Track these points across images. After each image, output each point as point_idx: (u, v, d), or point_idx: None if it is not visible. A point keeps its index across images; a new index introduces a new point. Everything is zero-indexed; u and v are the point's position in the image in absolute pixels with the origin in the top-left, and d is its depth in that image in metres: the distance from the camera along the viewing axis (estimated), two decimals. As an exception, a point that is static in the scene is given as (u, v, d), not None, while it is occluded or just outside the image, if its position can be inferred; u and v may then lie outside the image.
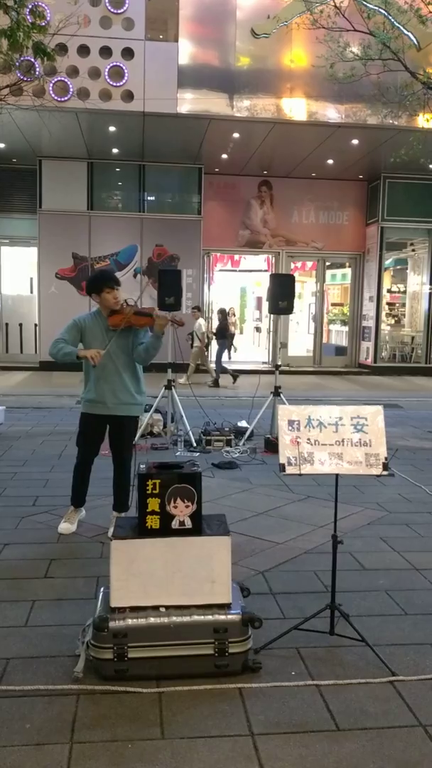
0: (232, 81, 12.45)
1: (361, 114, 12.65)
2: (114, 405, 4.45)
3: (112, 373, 4.41)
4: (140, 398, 4.57)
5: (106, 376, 4.42)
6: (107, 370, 4.40)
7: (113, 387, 4.43)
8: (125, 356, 4.44)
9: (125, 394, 4.45)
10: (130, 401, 4.49)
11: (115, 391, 4.43)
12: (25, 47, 8.83)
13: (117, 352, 4.41)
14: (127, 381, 4.45)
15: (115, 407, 4.46)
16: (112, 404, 4.45)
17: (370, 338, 16.70)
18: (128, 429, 4.60)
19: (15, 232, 16.13)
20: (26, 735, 2.43)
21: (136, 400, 4.52)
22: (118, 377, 4.42)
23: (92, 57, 11.88)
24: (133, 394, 4.48)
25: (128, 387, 4.46)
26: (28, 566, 4.00)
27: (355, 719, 2.55)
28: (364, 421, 3.06)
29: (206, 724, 2.50)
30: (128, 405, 4.49)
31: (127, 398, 4.47)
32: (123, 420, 4.52)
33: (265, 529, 4.74)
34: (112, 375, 4.41)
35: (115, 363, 4.41)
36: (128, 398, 4.47)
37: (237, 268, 19.36)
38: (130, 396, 4.47)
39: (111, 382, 4.42)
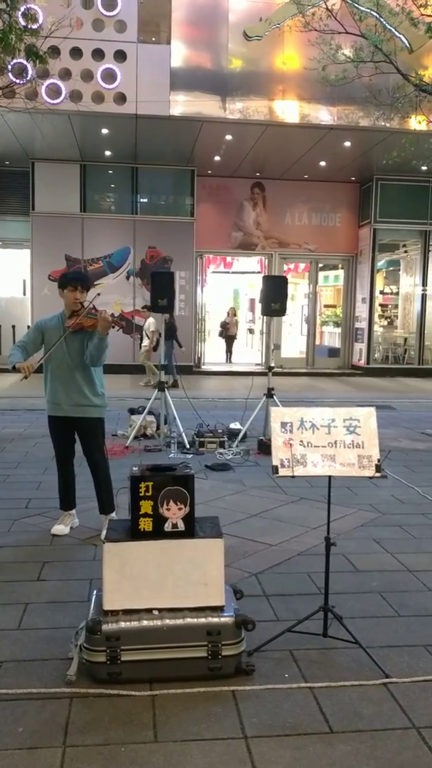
0: (225, 83, 12.47)
1: (354, 116, 12.70)
2: (68, 406, 4.45)
3: (66, 374, 4.41)
4: (97, 400, 4.50)
5: (60, 377, 4.42)
6: (61, 371, 4.41)
7: (66, 388, 4.42)
8: (80, 357, 4.42)
9: (78, 395, 4.42)
10: (85, 402, 4.45)
11: (68, 392, 4.42)
12: (17, 50, 8.82)
13: (72, 353, 4.40)
14: (80, 382, 4.42)
15: (70, 408, 4.45)
16: (66, 405, 4.45)
17: (362, 340, 16.74)
18: (90, 431, 4.54)
19: (8, 234, 16.10)
20: (19, 739, 2.42)
21: (92, 401, 4.47)
22: (71, 378, 4.41)
23: (85, 59, 11.88)
24: (87, 395, 4.44)
25: (81, 388, 4.42)
26: (20, 569, 3.99)
27: (348, 721, 2.55)
28: (357, 422, 3.07)
29: (199, 727, 2.49)
30: (82, 406, 4.45)
31: (80, 399, 4.43)
32: (82, 422, 4.49)
33: (259, 531, 4.73)
34: (65, 376, 4.41)
35: (68, 364, 4.40)
36: (82, 399, 4.44)
37: (230, 270, 19.40)
38: (83, 397, 4.43)
39: (64, 383, 4.42)
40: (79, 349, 4.41)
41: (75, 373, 4.41)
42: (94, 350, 4.33)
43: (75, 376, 4.41)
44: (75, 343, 4.40)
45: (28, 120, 11.43)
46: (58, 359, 4.41)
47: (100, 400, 4.53)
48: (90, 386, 4.46)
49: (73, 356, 4.41)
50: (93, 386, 4.48)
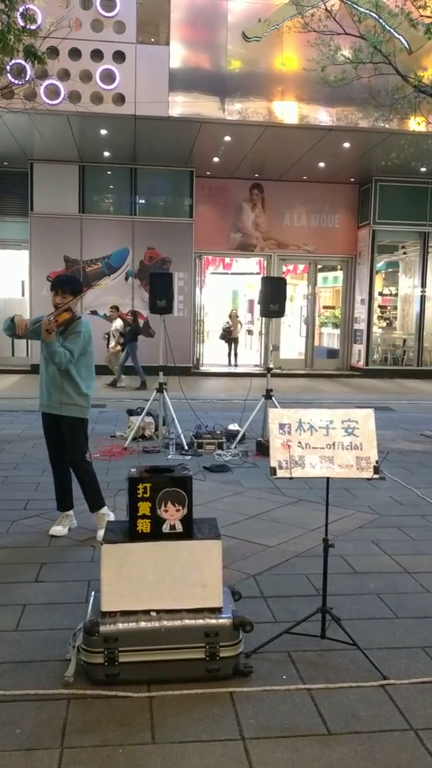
0: (224, 84, 12.47)
1: (353, 117, 12.71)
2: (48, 403, 4.50)
3: (48, 373, 4.47)
4: (79, 399, 4.49)
5: (45, 375, 4.51)
6: (45, 371, 4.50)
7: (50, 386, 4.48)
8: None
9: (60, 394, 4.45)
10: (67, 401, 4.46)
11: (51, 390, 4.48)
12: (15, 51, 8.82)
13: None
14: (61, 381, 4.44)
15: (50, 405, 4.50)
16: (47, 402, 4.51)
17: (361, 341, 16.74)
18: (68, 429, 4.52)
19: (6, 235, 16.09)
20: (16, 740, 2.41)
21: (74, 400, 4.47)
22: (54, 377, 4.45)
23: (84, 60, 11.88)
24: (69, 394, 4.45)
25: (63, 387, 4.44)
26: (18, 570, 3.98)
27: (346, 723, 2.55)
28: (355, 424, 3.07)
29: (197, 729, 2.49)
30: (64, 405, 4.46)
31: (60, 397, 4.45)
32: (63, 420, 4.50)
33: (257, 533, 4.73)
34: (49, 374, 4.47)
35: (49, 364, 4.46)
36: (62, 397, 4.45)
37: (229, 271, 19.41)
38: (65, 396, 4.45)
39: (48, 381, 4.49)
40: None
41: (57, 372, 4.44)
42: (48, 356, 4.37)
43: (56, 375, 4.44)
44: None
45: (26, 121, 11.43)
46: (42, 358, 4.50)
47: (82, 401, 4.51)
48: (72, 385, 4.45)
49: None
50: (76, 386, 4.46)
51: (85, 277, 15.50)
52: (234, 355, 17.62)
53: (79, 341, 4.41)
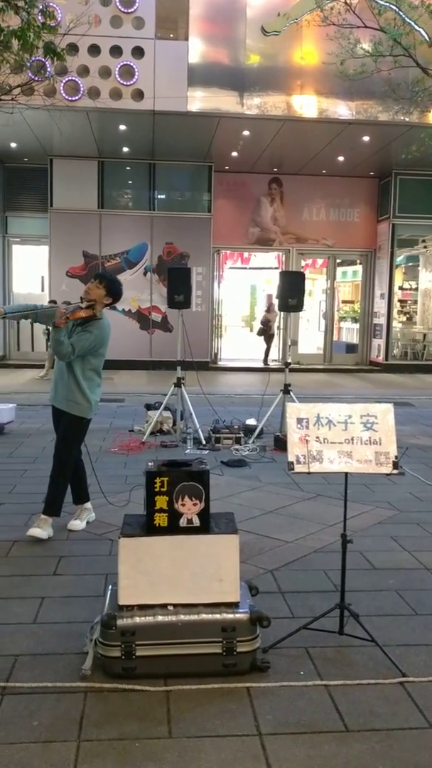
0: (242, 79, 12.41)
1: (372, 111, 12.58)
2: (58, 396, 4.49)
3: (63, 367, 4.45)
4: (82, 399, 4.42)
5: (57, 368, 4.53)
6: (60, 363, 4.47)
7: (57, 379, 4.50)
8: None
9: (66, 390, 4.43)
10: (71, 398, 4.42)
11: (58, 384, 4.49)
12: (35, 47, 8.85)
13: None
14: (69, 378, 4.41)
15: (55, 398, 4.52)
16: (57, 395, 4.51)
17: (381, 336, 16.62)
18: (65, 425, 4.47)
19: (26, 231, 16.20)
20: (34, 732, 2.43)
21: (77, 399, 4.41)
22: (65, 372, 4.43)
23: (103, 56, 11.89)
24: (74, 392, 4.41)
25: (70, 384, 4.41)
26: (37, 563, 4.01)
27: (364, 720, 2.53)
28: (374, 419, 3.04)
29: (214, 724, 2.49)
30: (66, 401, 4.44)
31: (66, 393, 4.43)
32: (64, 415, 4.47)
33: (274, 528, 4.72)
34: (60, 367, 4.47)
35: None
36: (68, 394, 4.42)
37: (247, 266, 19.33)
38: (69, 392, 4.42)
39: (59, 376, 4.49)
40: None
41: (66, 367, 4.42)
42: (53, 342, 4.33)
43: (65, 370, 4.42)
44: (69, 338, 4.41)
45: (46, 117, 11.48)
46: None
47: (85, 401, 4.44)
48: (75, 384, 4.41)
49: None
50: (78, 385, 4.41)
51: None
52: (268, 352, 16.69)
53: (87, 340, 4.30)
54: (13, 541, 4.36)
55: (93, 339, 4.34)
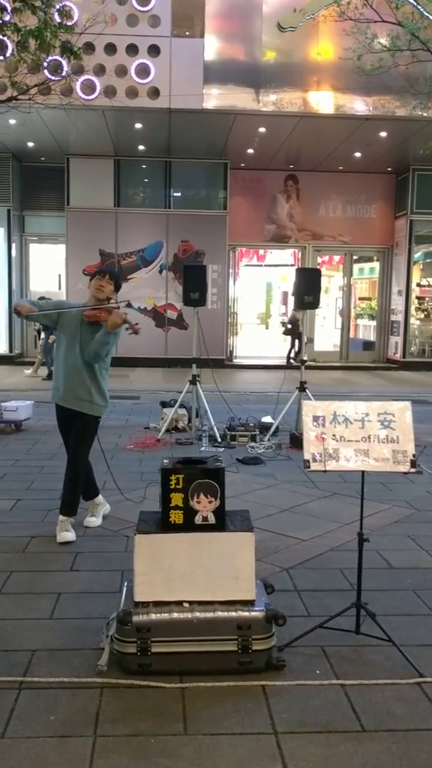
0: (258, 75, 12.37)
1: (390, 106, 12.47)
2: (67, 396, 4.34)
3: (75, 364, 4.30)
4: (98, 399, 4.36)
5: (68, 366, 4.32)
6: (70, 360, 4.31)
7: (73, 380, 4.31)
8: None
9: (81, 389, 4.31)
10: (85, 398, 4.32)
11: (72, 383, 4.32)
12: (52, 47, 8.90)
13: (83, 344, 4.29)
14: (86, 376, 4.30)
15: (68, 399, 4.35)
16: (69, 397, 4.34)
17: (398, 333, 16.50)
18: (83, 426, 4.39)
19: (43, 230, 16.28)
20: (50, 727, 2.44)
21: (93, 398, 4.33)
22: (78, 370, 4.30)
23: (119, 55, 11.90)
24: (91, 392, 4.31)
25: (86, 383, 4.30)
26: (54, 559, 4.03)
27: (380, 720, 2.51)
28: (392, 417, 3.01)
29: (229, 721, 2.48)
30: (82, 401, 4.33)
31: (82, 394, 4.31)
32: (79, 416, 4.36)
33: (290, 526, 4.70)
34: (73, 366, 4.30)
35: (79, 356, 4.29)
36: (83, 394, 4.31)
37: (263, 263, 19.29)
38: (86, 392, 4.31)
39: (70, 373, 4.31)
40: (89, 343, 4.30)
41: (83, 365, 4.29)
42: (96, 342, 4.21)
43: (82, 370, 4.29)
44: (87, 336, 4.29)
45: (63, 116, 11.51)
46: (69, 349, 4.32)
47: (101, 399, 4.39)
48: (95, 383, 4.33)
49: (84, 349, 4.29)
50: (98, 384, 4.35)
51: (120, 271, 15.59)
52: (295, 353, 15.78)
53: (117, 337, 4.29)
54: (30, 537, 4.39)
55: (117, 337, 4.31)
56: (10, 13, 8.49)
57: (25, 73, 9.74)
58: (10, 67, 9.97)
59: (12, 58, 9.67)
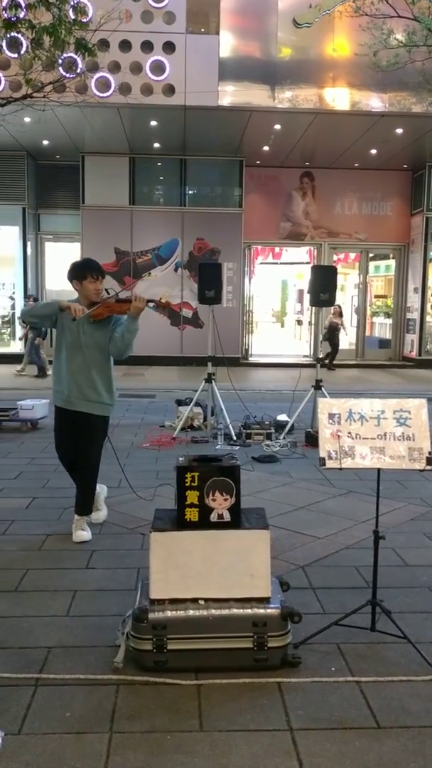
0: (274, 72, 12.34)
1: (406, 102, 12.39)
2: (77, 400, 4.21)
3: (81, 366, 4.18)
4: (108, 398, 4.27)
5: (75, 369, 4.19)
6: (75, 362, 4.19)
7: (79, 381, 4.19)
8: (98, 352, 4.21)
9: (90, 391, 4.20)
10: (95, 399, 4.22)
11: (80, 386, 4.19)
12: (67, 44, 8.92)
13: (89, 344, 4.17)
14: (95, 377, 4.19)
15: (78, 402, 4.21)
16: (75, 399, 4.21)
17: (414, 330, 16.40)
18: (93, 428, 4.29)
19: (59, 228, 16.36)
20: (66, 723, 2.45)
21: (103, 398, 4.24)
22: (86, 372, 4.18)
23: (134, 52, 11.92)
24: (100, 392, 4.21)
25: (95, 384, 4.20)
26: (70, 557, 4.05)
27: (396, 717, 2.50)
28: (407, 414, 3.00)
29: (245, 718, 2.49)
30: (92, 402, 4.22)
31: (91, 395, 4.21)
32: (88, 418, 4.24)
33: (305, 524, 4.70)
34: (80, 368, 4.18)
35: (85, 357, 4.18)
36: (93, 395, 4.21)
37: (278, 261, 19.23)
38: (95, 393, 4.21)
39: (78, 376, 4.18)
40: (97, 342, 4.20)
41: (90, 366, 4.19)
42: (126, 333, 4.08)
43: (90, 370, 4.19)
44: (94, 334, 4.19)
45: (78, 114, 11.55)
46: (72, 349, 4.19)
47: (110, 399, 4.30)
48: (104, 382, 4.24)
49: (89, 347, 4.18)
50: (109, 384, 4.26)
51: (136, 269, 15.64)
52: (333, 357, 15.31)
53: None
54: (46, 535, 4.42)
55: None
56: (24, 9, 8.52)
57: (40, 70, 9.78)
58: (24, 65, 10.03)
59: (27, 56, 9.72)
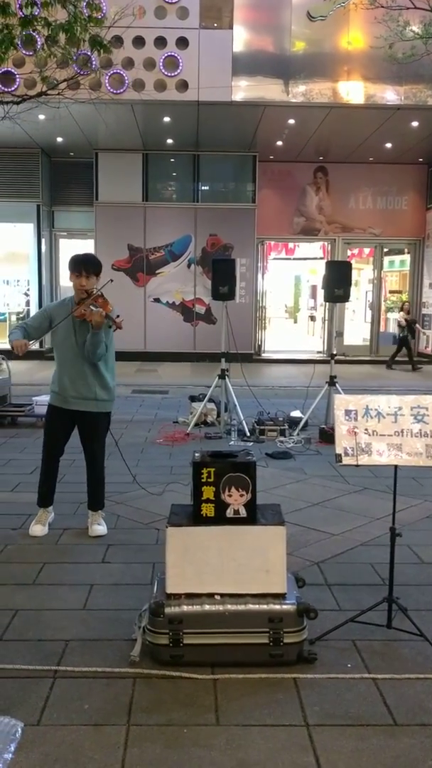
0: (288, 66, 12.27)
1: (422, 95, 12.27)
2: (73, 399, 4.22)
3: (74, 364, 4.17)
4: (104, 394, 4.25)
5: (68, 368, 4.19)
6: (68, 360, 4.19)
7: (74, 379, 4.19)
8: None
9: (85, 388, 4.19)
10: (90, 396, 4.21)
11: (75, 384, 4.19)
12: (81, 41, 8.93)
13: (80, 342, 4.15)
14: (88, 374, 4.18)
15: (75, 401, 4.22)
16: (71, 398, 4.22)
17: (430, 326, 16.29)
18: (93, 425, 4.31)
19: (72, 225, 16.40)
20: (84, 715, 2.48)
21: (98, 395, 4.22)
22: (79, 369, 4.18)
23: (147, 48, 11.90)
24: (94, 388, 4.20)
25: (88, 380, 4.18)
26: (86, 551, 4.08)
27: (413, 714, 2.50)
28: (425, 411, 2.99)
29: (261, 713, 2.50)
30: (88, 400, 4.21)
31: (86, 392, 4.20)
32: (85, 416, 4.26)
33: (320, 520, 4.69)
34: (73, 367, 4.18)
35: (76, 353, 4.16)
36: (88, 392, 4.20)
37: (291, 256, 19.15)
38: (90, 390, 4.20)
39: (71, 374, 4.19)
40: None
41: (83, 363, 4.17)
42: (89, 344, 4.07)
43: (83, 367, 4.18)
44: (83, 333, 4.14)
45: (91, 110, 11.57)
46: (65, 348, 4.19)
47: (107, 395, 4.29)
48: (99, 378, 4.22)
49: (81, 346, 4.15)
50: (102, 379, 4.24)
51: (149, 265, 15.66)
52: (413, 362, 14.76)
53: (109, 331, 4.14)
54: (62, 529, 4.45)
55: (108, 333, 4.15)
56: (39, 7, 8.54)
57: (55, 68, 9.80)
58: (39, 62, 10.05)
59: (42, 53, 9.74)
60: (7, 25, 8.44)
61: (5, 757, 1.24)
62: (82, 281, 4.13)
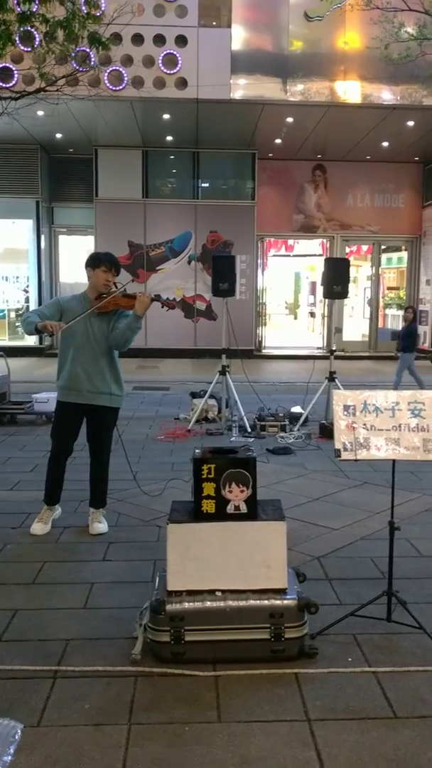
0: (286, 65, 12.27)
1: (417, 95, 12.28)
2: (89, 393, 4.20)
3: (90, 358, 4.18)
4: (117, 389, 4.29)
5: (83, 361, 4.18)
6: (84, 355, 4.18)
7: (89, 373, 4.18)
8: (105, 342, 4.20)
9: (101, 382, 4.21)
10: (106, 390, 4.23)
11: (90, 378, 4.18)
12: (80, 38, 8.92)
13: (98, 336, 4.18)
14: (104, 368, 4.21)
15: (91, 395, 4.21)
16: (87, 392, 4.20)
17: (427, 322, 16.30)
18: (105, 420, 4.33)
19: (72, 221, 16.38)
20: (85, 715, 2.47)
21: (113, 389, 4.25)
22: (95, 363, 4.18)
23: (146, 45, 11.89)
24: (109, 382, 4.24)
25: (105, 375, 4.21)
26: (87, 549, 4.08)
27: (413, 707, 2.51)
28: (422, 406, 2.99)
29: (262, 709, 2.51)
30: (104, 394, 4.23)
31: (103, 386, 4.22)
32: (99, 410, 4.27)
33: (321, 515, 4.70)
34: (89, 360, 4.18)
35: (93, 348, 4.18)
36: (104, 387, 4.22)
37: (291, 253, 19.15)
38: (106, 385, 4.22)
39: (87, 368, 4.18)
40: (104, 333, 4.19)
41: (100, 358, 4.19)
42: (127, 330, 4.07)
43: (99, 361, 4.19)
44: (101, 326, 4.19)
45: (91, 107, 11.57)
46: (81, 342, 4.18)
47: (120, 390, 4.32)
48: (113, 373, 4.26)
49: (98, 340, 4.19)
50: (116, 373, 4.28)
51: (149, 262, 15.66)
52: None
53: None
54: (63, 527, 4.46)
55: None
56: (37, 3, 8.52)
57: (53, 64, 9.79)
58: (38, 59, 10.03)
59: (40, 49, 9.73)
60: (4, 21, 8.41)
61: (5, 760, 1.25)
62: (109, 276, 4.28)
